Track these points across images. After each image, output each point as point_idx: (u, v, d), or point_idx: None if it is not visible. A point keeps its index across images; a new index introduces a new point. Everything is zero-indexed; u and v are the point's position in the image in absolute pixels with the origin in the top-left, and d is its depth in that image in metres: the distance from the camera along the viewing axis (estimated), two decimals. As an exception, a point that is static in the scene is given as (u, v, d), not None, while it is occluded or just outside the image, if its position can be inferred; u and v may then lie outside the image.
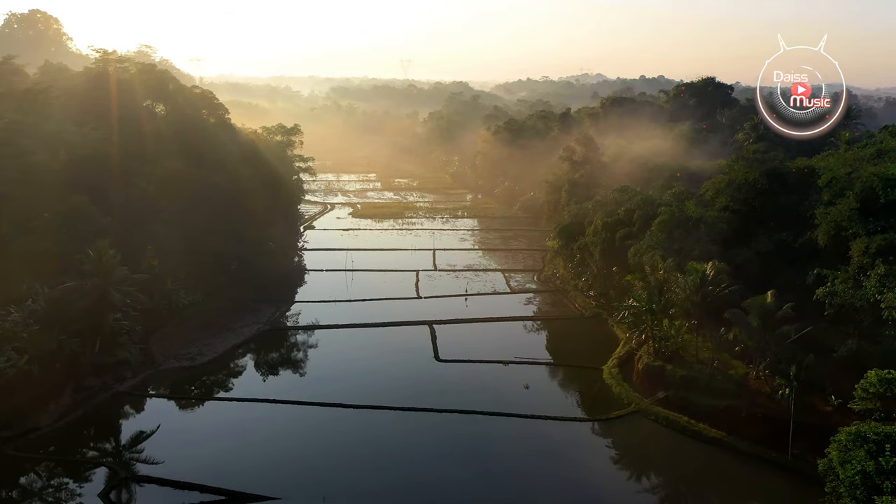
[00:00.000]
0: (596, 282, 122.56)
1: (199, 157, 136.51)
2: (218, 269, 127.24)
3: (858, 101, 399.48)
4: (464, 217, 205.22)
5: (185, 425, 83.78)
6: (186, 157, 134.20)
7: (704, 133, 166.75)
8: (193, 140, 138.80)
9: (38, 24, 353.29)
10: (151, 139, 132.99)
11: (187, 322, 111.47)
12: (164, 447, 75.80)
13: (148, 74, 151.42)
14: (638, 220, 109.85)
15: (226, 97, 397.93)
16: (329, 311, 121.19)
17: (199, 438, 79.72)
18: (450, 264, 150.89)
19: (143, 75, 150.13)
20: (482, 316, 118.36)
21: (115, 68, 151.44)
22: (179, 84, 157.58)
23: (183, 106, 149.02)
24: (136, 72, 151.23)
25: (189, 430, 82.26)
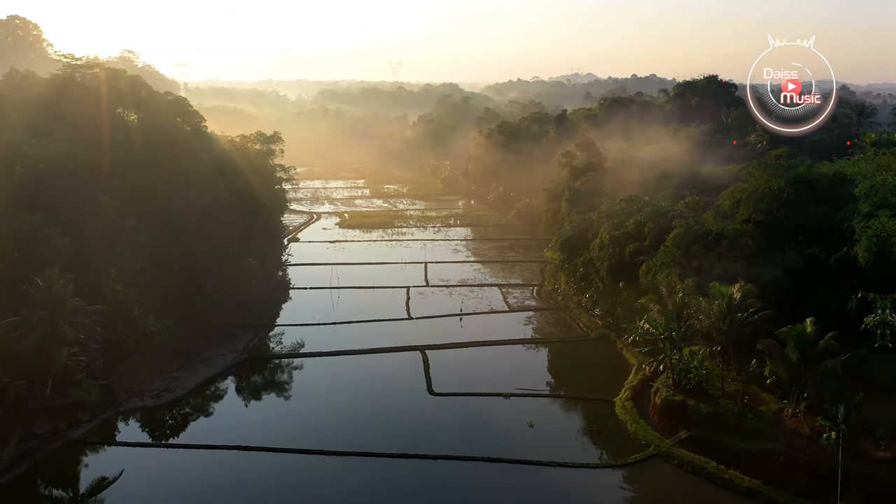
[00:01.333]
0: (602, 299, 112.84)
1: (172, 169, 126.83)
2: (191, 291, 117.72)
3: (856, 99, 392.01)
4: (456, 226, 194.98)
5: (149, 471, 74.18)
6: (157, 169, 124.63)
7: (713, 136, 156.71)
8: (165, 150, 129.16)
9: (17, 29, 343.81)
10: (121, 150, 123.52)
11: (156, 352, 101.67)
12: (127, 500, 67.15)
13: (118, 81, 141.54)
14: (649, 233, 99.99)
15: (210, 103, 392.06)
16: (313, 336, 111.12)
17: (165, 487, 70.69)
18: (442, 279, 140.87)
19: (113, 82, 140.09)
20: (479, 339, 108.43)
21: (82, 74, 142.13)
22: (152, 91, 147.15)
23: (156, 114, 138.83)
24: (105, 78, 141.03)
25: (155, 477, 73.13)
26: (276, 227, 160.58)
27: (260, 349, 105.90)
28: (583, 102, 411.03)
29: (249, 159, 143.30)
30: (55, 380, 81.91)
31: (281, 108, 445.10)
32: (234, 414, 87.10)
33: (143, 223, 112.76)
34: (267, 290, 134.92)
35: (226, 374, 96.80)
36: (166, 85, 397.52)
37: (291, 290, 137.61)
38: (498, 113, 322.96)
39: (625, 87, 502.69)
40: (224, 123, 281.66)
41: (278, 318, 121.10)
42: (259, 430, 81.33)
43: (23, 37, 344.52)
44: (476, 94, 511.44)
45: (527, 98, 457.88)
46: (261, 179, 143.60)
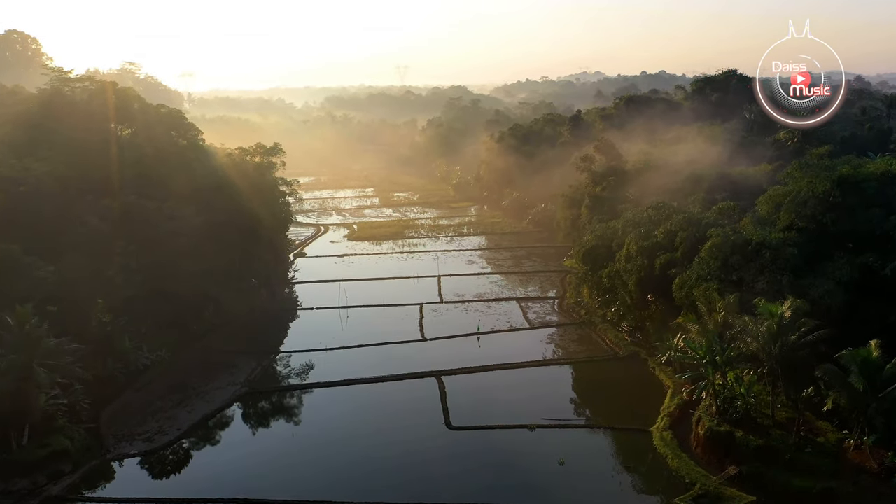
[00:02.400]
0: (629, 313, 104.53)
1: (166, 187, 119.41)
2: (189, 317, 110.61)
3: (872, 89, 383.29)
4: (470, 234, 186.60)
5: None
6: (150, 187, 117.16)
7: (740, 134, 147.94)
8: (159, 167, 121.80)
9: (16, 44, 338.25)
10: (112, 168, 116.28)
11: (149, 387, 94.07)
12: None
13: (108, 94, 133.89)
14: (681, 244, 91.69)
15: (215, 113, 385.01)
16: (320, 362, 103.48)
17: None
18: (457, 294, 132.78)
19: (104, 95, 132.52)
20: (499, 362, 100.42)
21: (71, 88, 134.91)
22: (146, 103, 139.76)
23: (149, 128, 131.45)
24: (95, 91, 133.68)
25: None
26: (280, 242, 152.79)
27: (262, 380, 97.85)
28: (594, 101, 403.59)
29: (248, 173, 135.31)
30: (32, 428, 74.21)
31: (287, 117, 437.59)
32: (232, 459, 78.88)
33: (135, 246, 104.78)
34: (271, 312, 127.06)
35: (225, 411, 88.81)
36: (169, 96, 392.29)
37: (297, 310, 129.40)
38: (508, 115, 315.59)
39: (636, 85, 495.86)
40: (228, 134, 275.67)
41: (283, 343, 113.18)
42: (260, 478, 73.44)
43: (21, 51, 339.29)
44: (485, 96, 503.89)
45: (537, 99, 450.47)
46: (262, 194, 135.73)
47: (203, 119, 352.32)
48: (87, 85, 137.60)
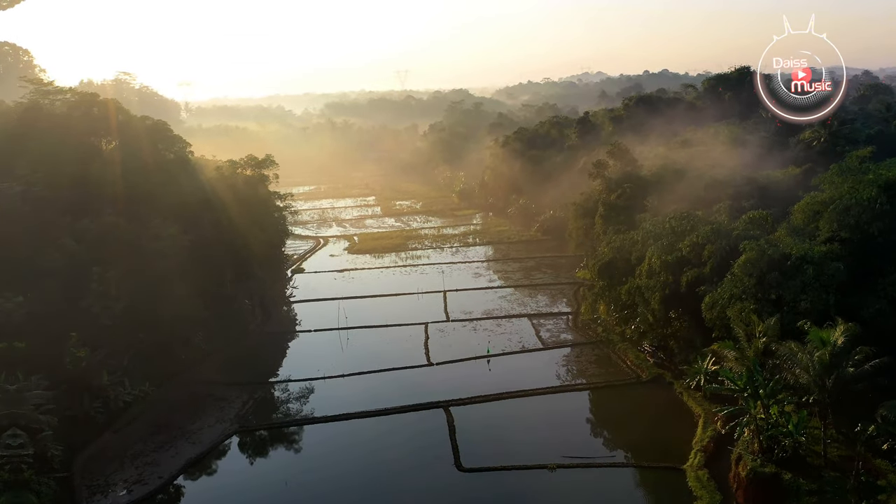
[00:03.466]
0: (651, 331, 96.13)
1: (151, 204, 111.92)
2: (175, 346, 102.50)
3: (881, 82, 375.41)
4: (476, 244, 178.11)
5: None
6: (133, 205, 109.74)
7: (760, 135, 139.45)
8: (143, 183, 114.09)
9: (7, 56, 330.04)
10: (92, 184, 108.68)
11: (130, 427, 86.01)
12: None
13: (89, 106, 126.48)
14: (710, 258, 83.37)
15: (213, 122, 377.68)
16: (318, 392, 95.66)
17: None
18: (465, 311, 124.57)
19: (85, 107, 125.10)
20: (512, 389, 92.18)
21: (51, 101, 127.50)
22: (130, 115, 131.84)
23: (133, 141, 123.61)
24: (75, 103, 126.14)
25: None
26: (276, 258, 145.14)
27: (254, 415, 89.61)
28: (598, 102, 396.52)
29: (238, 188, 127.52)
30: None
31: (286, 125, 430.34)
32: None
33: (115, 270, 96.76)
34: (266, 336, 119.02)
35: (212, 454, 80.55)
36: (166, 106, 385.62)
37: (294, 332, 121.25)
38: (512, 118, 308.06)
39: (640, 84, 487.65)
40: (224, 144, 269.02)
41: (278, 371, 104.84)
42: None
43: (13, 63, 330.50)
44: (487, 98, 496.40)
45: (540, 100, 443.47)
46: (254, 209, 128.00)
47: (199, 129, 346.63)
48: (67, 97, 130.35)
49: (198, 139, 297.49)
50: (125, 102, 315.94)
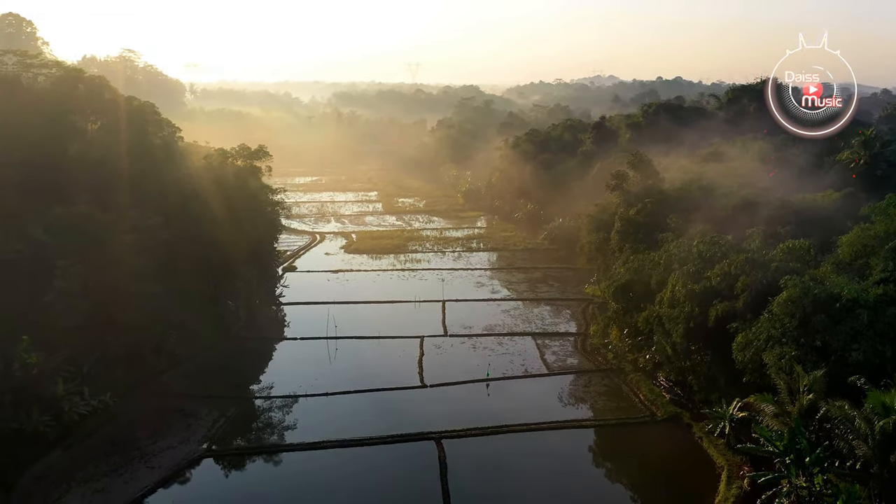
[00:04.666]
0: (669, 364, 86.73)
1: (133, 192, 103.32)
2: (146, 351, 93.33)
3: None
4: (479, 250, 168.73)
5: None
6: (114, 193, 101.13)
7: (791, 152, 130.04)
8: (125, 169, 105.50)
9: (9, 27, 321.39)
10: (72, 167, 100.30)
11: (84, 444, 77.04)
12: None
13: (74, 82, 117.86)
14: (744, 291, 73.90)
15: (216, 105, 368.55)
16: (299, 412, 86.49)
17: None
18: (464, 325, 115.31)
19: (69, 83, 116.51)
20: (512, 422, 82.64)
21: (33, 75, 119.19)
22: (117, 94, 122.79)
23: (118, 123, 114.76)
24: (60, 77, 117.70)
25: None
26: (266, 256, 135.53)
27: (225, 437, 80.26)
28: (612, 106, 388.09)
29: (226, 179, 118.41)
30: None
31: (291, 112, 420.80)
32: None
33: (84, 265, 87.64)
34: (248, 342, 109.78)
35: (171, 482, 71.35)
36: (170, 86, 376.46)
37: (278, 339, 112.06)
38: (522, 118, 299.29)
39: (655, 90, 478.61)
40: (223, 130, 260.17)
41: (257, 384, 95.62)
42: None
43: (15, 35, 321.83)
44: (497, 97, 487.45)
45: (551, 101, 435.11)
46: (243, 202, 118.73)
47: (201, 112, 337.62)
48: (52, 71, 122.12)
49: (198, 123, 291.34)
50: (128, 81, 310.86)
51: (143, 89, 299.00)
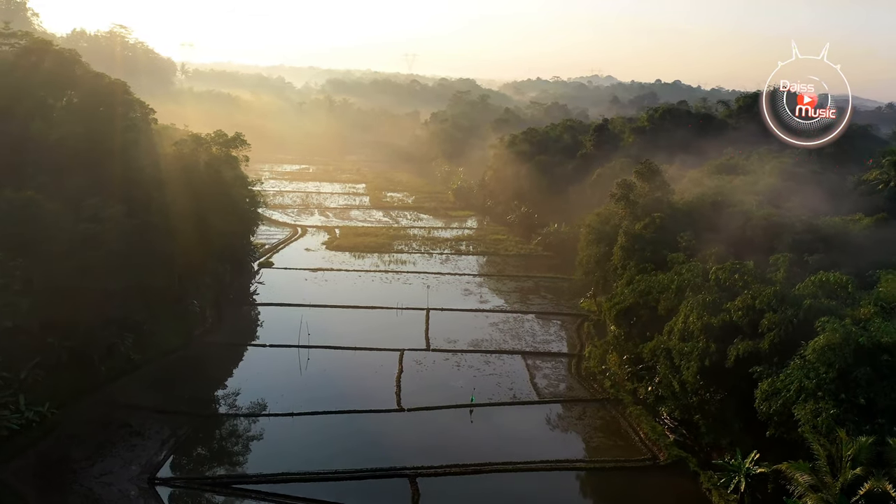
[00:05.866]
0: (675, 400, 77.41)
1: (96, 178, 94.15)
2: (94, 353, 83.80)
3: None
4: (468, 253, 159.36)
5: None
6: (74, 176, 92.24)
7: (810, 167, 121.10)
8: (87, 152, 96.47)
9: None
10: (32, 148, 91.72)
11: (12, 463, 67.41)
12: None
13: (41, 55, 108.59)
14: (771, 331, 64.67)
15: (206, 87, 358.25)
16: (260, 433, 77.73)
17: None
18: (449, 339, 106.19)
19: (35, 56, 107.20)
20: (496, 459, 73.77)
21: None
22: (88, 70, 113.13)
23: (87, 102, 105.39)
24: (24, 49, 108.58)
25: None
26: (241, 250, 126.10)
27: (173, 462, 71.14)
28: (610, 107, 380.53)
29: (198, 168, 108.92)
30: None
31: (283, 97, 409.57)
32: None
33: (29, 258, 78.34)
34: (212, 347, 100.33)
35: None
36: (161, 65, 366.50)
37: (246, 347, 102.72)
38: (519, 115, 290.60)
39: (654, 93, 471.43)
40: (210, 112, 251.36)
41: (216, 397, 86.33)
42: None
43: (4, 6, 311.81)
44: (494, 91, 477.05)
45: (548, 99, 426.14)
46: (217, 193, 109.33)
47: (189, 92, 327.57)
48: (20, 42, 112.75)
49: (184, 104, 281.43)
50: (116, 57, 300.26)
51: (132, 66, 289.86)
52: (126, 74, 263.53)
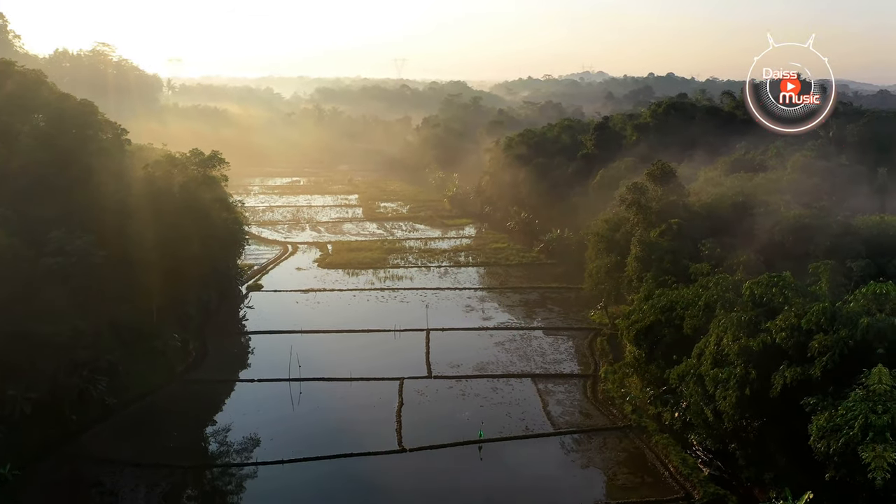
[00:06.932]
0: (708, 428, 69.31)
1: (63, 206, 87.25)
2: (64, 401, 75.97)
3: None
4: (468, 265, 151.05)
5: None
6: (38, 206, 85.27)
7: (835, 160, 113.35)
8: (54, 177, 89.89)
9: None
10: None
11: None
12: None
13: (3, 77, 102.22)
14: (823, 355, 56.44)
15: (194, 102, 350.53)
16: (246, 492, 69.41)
17: None
18: (452, 363, 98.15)
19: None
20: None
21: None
22: (55, 91, 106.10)
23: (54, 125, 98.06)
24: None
25: None
26: (225, 276, 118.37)
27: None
28: (605, 103, 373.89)
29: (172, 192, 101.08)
30: None
31: (272, 108, 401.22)
32: None
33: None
34: (195, 385, 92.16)
35: None
36: (146, 81, 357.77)
37: (233, 382, 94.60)
38: (512, 116, 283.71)
39: (650, 87, 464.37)
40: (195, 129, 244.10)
41: (199, 445, 78.30)
42: None
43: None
44: (485, 93, 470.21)
45: (541, 98, 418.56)
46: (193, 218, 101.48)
47: (175, 108, 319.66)
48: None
49: (169, 120, 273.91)
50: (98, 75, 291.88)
51: (113, 84, 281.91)
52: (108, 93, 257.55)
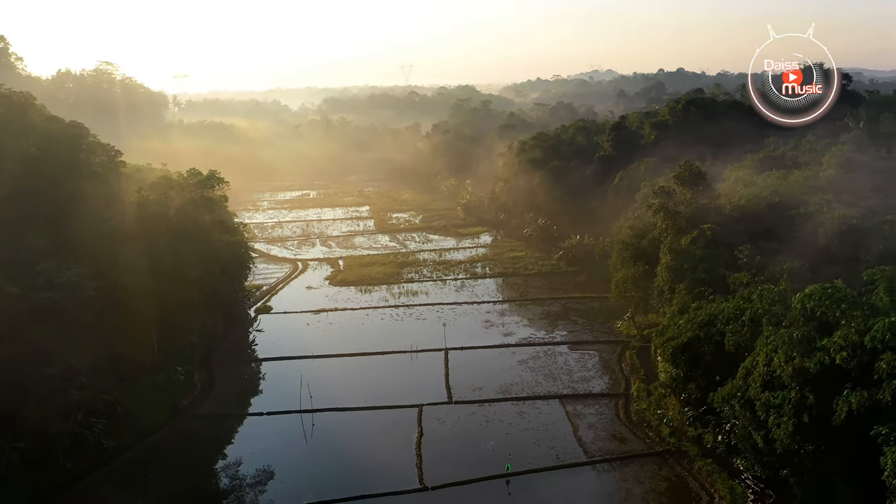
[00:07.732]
0: (757, 454, 63.12)
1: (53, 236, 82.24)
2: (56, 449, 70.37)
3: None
4: (485, 276, 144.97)
5: None
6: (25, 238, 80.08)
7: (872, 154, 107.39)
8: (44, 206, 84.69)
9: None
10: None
11: None
12: None
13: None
14: (894, 377, 50.15)
15: (197, 117, 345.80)
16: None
17: None
18: (473, 385, 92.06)
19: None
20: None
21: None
22: (43, 114, 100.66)
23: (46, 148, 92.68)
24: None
25: None
26: (231, 300, 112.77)
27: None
28: (617, 101, 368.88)
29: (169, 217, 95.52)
30: None
31: (279, 121, 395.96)
32: None
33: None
34: (201, 421, 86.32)
35: None
36: (151, 99, 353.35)
37: (241, 417, 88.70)
38: (524, 118, 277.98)
39: (662, 83, 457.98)
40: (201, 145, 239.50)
41: (205, 487, 72.53)
42: None
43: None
44: (495, 96, 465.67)
45: (551, 98, 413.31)
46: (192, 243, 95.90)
47: (180, 125, 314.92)
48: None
49: (174, 137, 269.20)
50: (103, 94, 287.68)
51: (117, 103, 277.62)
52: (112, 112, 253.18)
